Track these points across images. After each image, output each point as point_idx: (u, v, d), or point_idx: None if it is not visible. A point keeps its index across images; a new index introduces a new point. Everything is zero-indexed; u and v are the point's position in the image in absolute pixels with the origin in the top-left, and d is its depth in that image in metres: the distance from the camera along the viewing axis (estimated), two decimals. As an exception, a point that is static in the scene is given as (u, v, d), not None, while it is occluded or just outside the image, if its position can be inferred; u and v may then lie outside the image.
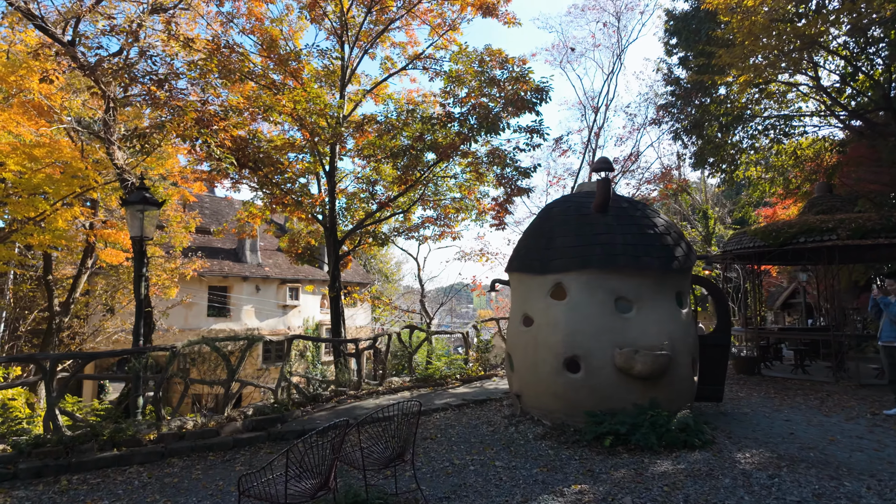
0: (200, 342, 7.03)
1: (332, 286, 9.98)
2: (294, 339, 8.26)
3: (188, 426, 6.57)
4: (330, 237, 9.83)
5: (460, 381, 9.70)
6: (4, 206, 10.72)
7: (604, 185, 6.92)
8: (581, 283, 6.69)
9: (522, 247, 7.51)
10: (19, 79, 9.35)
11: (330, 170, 9.86)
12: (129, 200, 7.08)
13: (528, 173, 9.54)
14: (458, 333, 11.09)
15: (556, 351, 6.63)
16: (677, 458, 5.54)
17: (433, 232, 12.40)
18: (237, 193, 11.87)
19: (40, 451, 5.42)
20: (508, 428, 6.91)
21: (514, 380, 7.43)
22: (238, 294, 25.16)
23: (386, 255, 44.04)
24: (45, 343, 12.23)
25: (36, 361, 5.87)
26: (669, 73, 15.62)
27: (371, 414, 4.76)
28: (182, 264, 16.54)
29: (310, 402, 7.94)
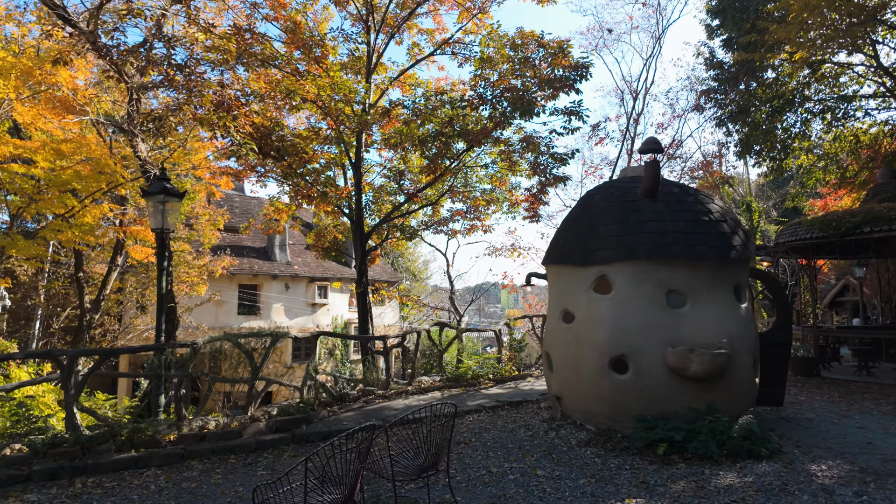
0: (222, 338, 6.72)
1: (359, 281, 9.61)
2: (320, 336, 7.90)
3: (210, 426, 6.26)
4: (356, 231, 9.46)
5: (493, 382, 9.20)
6: (36, 202, 10.71)
7: (652, 168, 6.33)
8: (628, 274, 6.11)
9: (561, 237, 6.97)
10: (46, 74, 9.27)
11: (356, 160, 9.49)
12: (150, 191, 6.83)
13: (565, 160, 8.93)
14: (489, 332, 10.58)
15: (600, 350, 6.08)
16: (742, 470, 4.94)
17: (463, 226, 11.94)
18: (264, 189, 11.65)
19: (56, 451, 5.17)
20: (548, 433, 6.39)
21: (553, 381, 6.90)
22: (268, 292, 25.19)
23: (413, 253, 43.79)
24: (77, 340, 12.24)
25: (53, 357, 5.65)
26: (711, 58, 14.77)
27: (401, 416, 4.32)
28: (211, 262, 16.49)
29: (336, 402, 7.58)
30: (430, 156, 8.65)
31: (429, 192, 10.82)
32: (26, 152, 10.14)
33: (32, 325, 14.34)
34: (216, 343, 6.72)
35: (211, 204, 15.38)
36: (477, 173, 10.84)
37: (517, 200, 11.13)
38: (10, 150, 10.03)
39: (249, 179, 11.03)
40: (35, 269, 14.92)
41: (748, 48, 11.32)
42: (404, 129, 8.63)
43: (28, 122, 10.43)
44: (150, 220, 6.91)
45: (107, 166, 10.62)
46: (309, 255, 28.93)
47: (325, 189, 8.75)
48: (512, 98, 7.36)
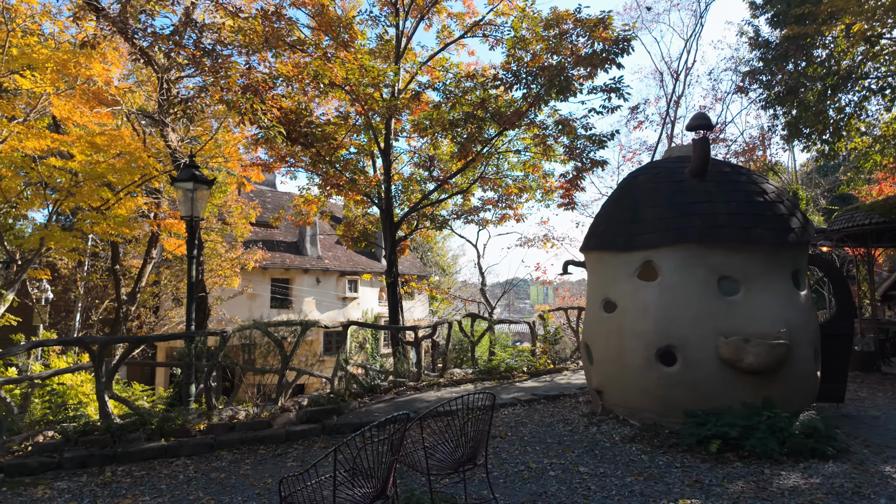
0: (252, 326, 6.61)
1: (388, 272, 9.41)
2: (351, 327, 7.73)
3: (240, 416, 6.15)
4: (386, 220, 9.25)
5: (527, 375, 8.88)
6: (73, 196, 10.87)
7: (702, 145, 5.90)
8: (676, 260, 5.71)
9: (602, 221, 6.59)
10: (80, 67, 9.35)
11: (385, 147, 9.27)
12: (179, 178, 6.75)
13: (604, 142, 8.46)
14: (522, 323, 10.26)
15: (646, 340, 5.71)
16: (807, 470, 4.52)
17: (494, 215, 11.57)
18: (293, 180, 11.58)
19: (87, 439, 5.12)
20: (589, 427, 6.05)
21: (593, 374, 6.55)
22: (299, 286, 25.41)
23: (442, 247, 43.59)
24: (114, 331, 12.46)
25: (84, 345, 5.61)
26: (756, 36, 13.96)
27: (435, 407, 4.08)
28: (243, 255, 16.63)
29: (367, 393, 7.40)
30: (460, 140, 8.33)
31: (459, 180, 10.53)
32: (63, 145, 10.28)
33: (73, 316, 14.71)
34: (248, 333, 6.60)
35: (241, 196, 15.47)
36: (509, 160, 10.48)
37: (551, 187, 10.71)
38: (48, 144, 10.19)
39: (279, 171, 10.94)
40: (75, 262, 15.28)
41: (800, 21, 10.59)
42: (434, 113, 8.35)
43: (65, 117, 10.57)
44: (179, 208, 6.84)
45: (140, 159, 10.70)
46: (339, 250, 29.06)
47: (354, 176, 8.56)
48: (549, 75, 6.95)
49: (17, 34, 9.57)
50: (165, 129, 8.31)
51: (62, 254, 13.47)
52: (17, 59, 8.75)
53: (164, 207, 13.55)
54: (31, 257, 9.91)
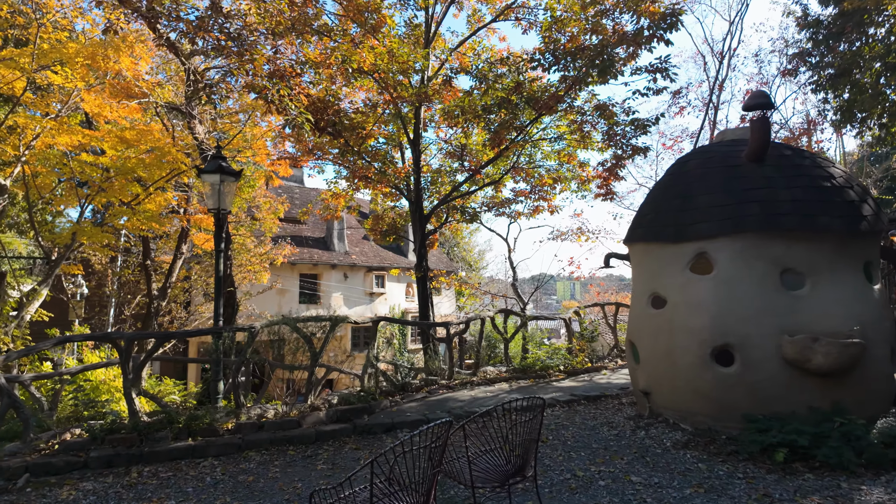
0: (280, 322, 6.39)
1: (418, 266, 9.12)
2: (381, 322, 7.47)
3: (269, 415, 5.95)
4: (415, 212, 8.95)
5: (564, 374, 8.48)
6: (104, 191, 10.91)
7: (761, 126, 5.41)
8: (733, 251, 5.26)
9: (648, 211, 6.15)
10: (108, 60, 9.30)
11: (414, 137, 8.96)
12: (205, 170, 6.57)
13: (647, 126, 7.94)
14: (557, 319, 9.85)
15: (700, 338, 5.28)
16: (890, 484, 4.05)
17: (527, 207, 11.14)
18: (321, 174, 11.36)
19: (114, 437, 4.97)
20: (637, 431, 5.64)
21: (639, 374, 6.13)
22: (327, 281, 25.47)
23: (469, 242, 43.22)
24: (145, 326, 12.50)
25: (111, 340, 5.48)
26: (805, 16, 13.16)
27: (471, 407, 3.75)
28: (271, 250, 16.60)
29: (398, 392, 7.13)
30: (493, 128, 7.94)
31: (491, 171, 10.14)
32: (94, 141, 10.30)
33: (106, 311, 14.89)
34: (277, 329, 6.39)
35: (269, 191, 15.41)
36: (542, 149, 10.04)
37: (588, 177, 10.22)
38: (79, 140, 10.22)
39: (307, 165, 10.76)
40: (108, 258, 15.47)
41: (856, -5, 9.86)
42: (466, 100, 7.98)
43: (95, 112, 10.59)
44: (206, 201, 6.67)
45: (169, 154, 10.66)
46: (366, 245, 29.02)
47: (383, 167, 8.27)
48: (590, 54, 6.49)
49: (48, 29, 9.59)
50: (192, 122, 8.18)
51: (96, 249, 13.61)
52: (48, 53, 8.73)
53: (193, 203, 13.55)
54: (64, 253, 9.95)
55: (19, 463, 4.51)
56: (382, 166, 8.57)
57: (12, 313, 9.90)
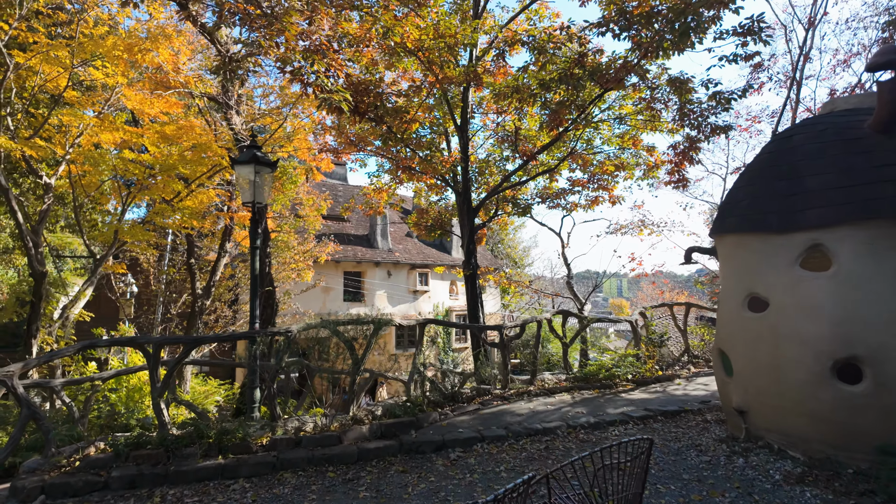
0: (319, 325, 5.82)
1: (466, 263, 8.40)
2: (427, 325, 6.81)
3: (307, 429, 5.39)
4: (463, 205, 8.24)
5: (632, 383, 7.58)
6: (147, 189, 10.74)
7: (893, 88, 4.38)
8: (859, 242, 4.28)
9: (743, 195, 5.20)
10: (147, 53, 9.04)
11: (462, 123, 8.26)
12: (239, 160, 6.07)
13: (731, 101, 6.78)
14: (622, 322, 8.93)
15: (816, 349, 4.33)
16: None
17: (584, 198, 10.19)
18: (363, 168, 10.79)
19: (139, 454, 4.50)
20: (733, 458, 4.74)
21: (731, 388, 5.20)
22: (371, 279, 25.16)
23: (513, 239, 42.10)
24: (190, 325, 12.35)
25: (138, 345, 5.04)
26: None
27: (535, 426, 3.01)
28: (315, 247, 16.30)
29: (448, 402, 6.44)
30: (551, 107, 7.11)
31: (543, 159, 9.27)
32: (135, 137, 10.12)
33: (154, 310, 14.93)
34: (315, 332, 5.83)
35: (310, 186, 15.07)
36: (602, 133, 9.10)
37: (656, 163, 9.20)
38: (122, 136, 10.07)
39: (349, 158, 10.24)
40: (156, 257, 15.53)
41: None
42: (520, 76, 7.18)
43: (137, 108, 10.42)
44: (240, 193, 6.18)
45: (210, 149, 10.38)
46: (409, 242, 28.59)
47: (428, 155, 7.61)
48: (669, 15, 5.54)
49: (90, 24, 9.43)
50: (229, 112, 7.78)
51: (143, 248, 13.61)
52: (86, 45, 8.52)
53: (237, 200, 13.34)
54: (106, 252, 9.80)
55: (36, 483, 4.09)
56: (428, 154, 7.89)
57: (57, 313, 9.84)
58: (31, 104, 10.10)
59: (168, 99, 10.51)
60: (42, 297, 8.12)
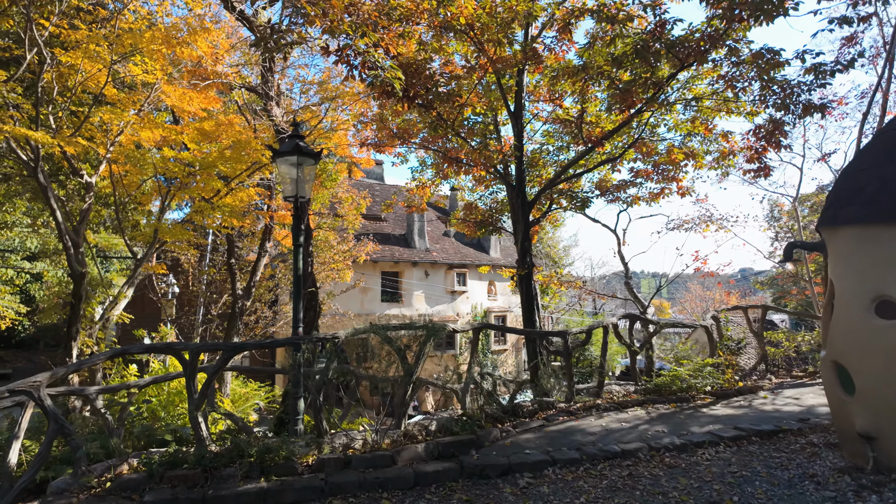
0: (367, 331, 5.29)
1: (521, 262, 7.73)
2: (482, 329, 6.19)
3: (356, 445, 4.85)
4: (517, 198, 7.57)
5: (711, 397, 6.76)
6: (187, 187, 10.52)
7: None
8: None
9: (869, 179, 4.37)
10: (185, 46, 8.75)
11: (516, 108, 7.59)
12: (281, 151, 5.60)
13: (833, 75, 5.83)
14: (696, 326, 8.08)
15: (983, 366, 3.49)
16: None
17: (647, 190, 9.32)
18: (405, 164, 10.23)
19: (174, 474, 4.04)
20: (863, 495, 3.93)
21: (855, 409, 4.38)
22: (408, 279, 24.76)
23: (552, 238, 41.01)
24: (230, 326, 12.10)
25: (174, 351, 4.60)
26: None
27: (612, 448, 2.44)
28: (354, 247, 15.93)
29: (508, 417, 5.79)
30: (622, 86, 6.34)
31: (600, 149, 8.47)
32: (174, 134, 9.88)
33: (195, 311, 14.83)
34: (359, 336, 5.29)
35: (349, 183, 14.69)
36: (671, 118, 8.25)
37: (731, 150, 8.28)
38: (161, 134, 9.85)
39: (391, 152, 9.73)
40: (197, 257, 15.45)
41: None
42: (586, 52, 6.47)
43: (176, 105, 10.19)
44: (282, 188, 5.71)
45: (248, 145, 10.06)
46: (447, 242, 28.05)
47: (480, 143, 6.98)
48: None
49: (129, 19, 9.23)
50: (270, 104, 7.38)
51: (184, 248, 13.49)
52: (124, 38, 8.28)
53: (277, 199, 13.06)
54: (146, 251, 9.58)
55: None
56: (482, 142, 7.26)
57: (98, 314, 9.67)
58: (73, 103, 9.98)
59: (207, 94, 10.25)
60: (82, 299, 7.89)
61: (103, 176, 10.64)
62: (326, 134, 12.57)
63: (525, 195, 7.64)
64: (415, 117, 8.38)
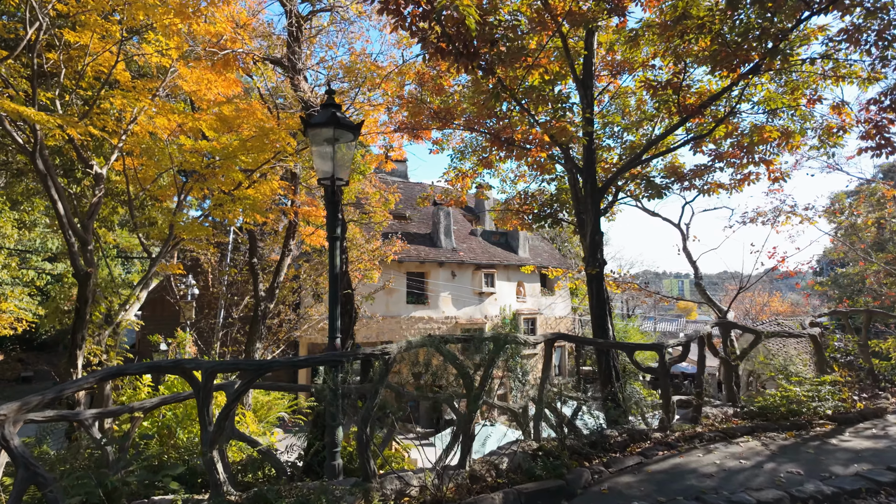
0: (423, 344, 4.21)
1: (591, 259, 6.53)
2: (554, 341, 5.07)
3: (411, 493, 3.79)
4: (586, 182, 6.37)
5: (831, 421, 5.52)
6: (204, 179, 9.60)
7: None
8: None
9: None
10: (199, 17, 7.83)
11: (585, 76, 6.40)
12: (314, 122, 4.58)
13: None
14: (803, 335, 6.82)
15: None
16: None
17: (733, 175, 7.95)
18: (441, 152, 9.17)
19: (180, 540, 3.02)
20: None
21: None
22: (434, 280, 23.69)
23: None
24: (252, 331, 11.18)
25: (182, 371, 3.58)
26: None
27: (745, 500, 1.61)
28: (382, 245, 14.94)
29: (594, 452, 4.65)
30: (734, 36, 5.11)
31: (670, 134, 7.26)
32: (191, 120, 8.97)
33: (215, 313, 13.95)
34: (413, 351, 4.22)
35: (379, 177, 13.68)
36: (765, 87, 6.97)
37: (843, 125, 6.97)
38: (178, 121, 8.96)
39: (429, 137, 8.67)
40: (217, 257, 14.61)
41: None
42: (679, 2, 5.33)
43: (193, 90, 9.29)
44: (315, 166, 4.69)
45: (272, 132, 9.12)
46: (474, 241, 26.88)
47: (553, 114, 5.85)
48: None
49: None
50: (297, 78, 6.41)
51: (204, 247, 12.62)
52: (135, 6, 7.35)
53: (301, 195, 12.12)
54: (161, 250, 8.68)
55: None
56: (554, 112, 6.10)
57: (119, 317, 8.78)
58: (82, 88, 9.14)
59: (227, 77, 9.34)
60: (88, 302, 7.00)
61: (117, 170, 9.80)
62: (355, 121, 11.59)
63: (595, 179, 6.45)
64: (458, 92, 7.30)
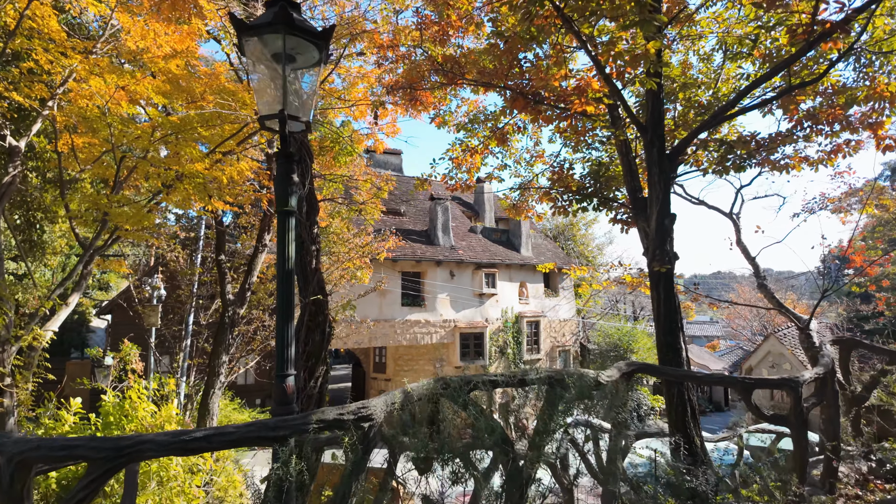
0: (432, 394, 2.43)
1: (657, 251, 4.67)
2: (633, 375, 3.31)
3: None
4: (653, 142, 4.50)
5: None
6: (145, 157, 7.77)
7: None
8: None
9: None
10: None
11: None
12: (254, 25, 2.80)
13: None
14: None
15: None
16: None
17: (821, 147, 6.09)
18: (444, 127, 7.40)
19: None
20: None
21: None
22: (432, 280, 21.89)
23: (585, 235, 37.89)
24: (218, 340, 9.38)
25: None
26: None
27: None
28: (373, 241, 13.16)
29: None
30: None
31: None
32: (133, 84, 7.15)
33: (182, 319, 12.10)
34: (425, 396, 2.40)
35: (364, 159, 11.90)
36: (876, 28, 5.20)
37: None
38: (116, 83, 7.14)
39: (430, 102, 6.92)
40: (188, 254, 12.76)
41: None
42: None
43: (139, 47, 7.48)
44: (255, 98, 2.92)
45: (237, 99, 7.35)
46: (473, 238, 25.09)
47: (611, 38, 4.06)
48: None
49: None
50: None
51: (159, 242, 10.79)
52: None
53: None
54: (91, 242, 6.87)
55: None
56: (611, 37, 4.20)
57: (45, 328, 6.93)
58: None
59: (181, 29, 7.55)
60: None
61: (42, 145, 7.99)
62: (340, 93, 9.82)
63: (664, 141, 4.59)
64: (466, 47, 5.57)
